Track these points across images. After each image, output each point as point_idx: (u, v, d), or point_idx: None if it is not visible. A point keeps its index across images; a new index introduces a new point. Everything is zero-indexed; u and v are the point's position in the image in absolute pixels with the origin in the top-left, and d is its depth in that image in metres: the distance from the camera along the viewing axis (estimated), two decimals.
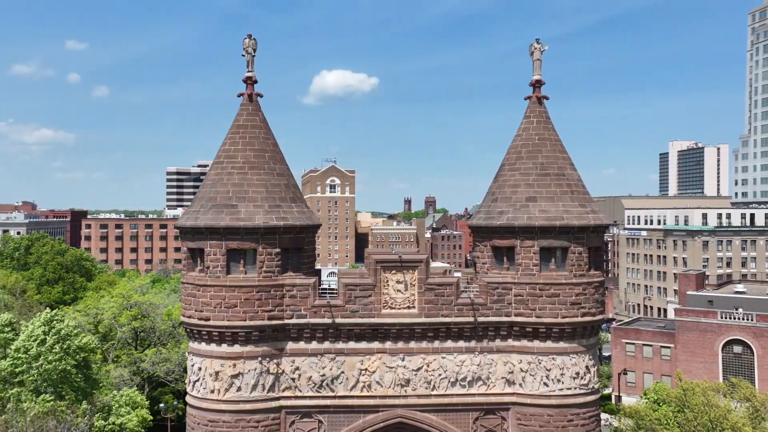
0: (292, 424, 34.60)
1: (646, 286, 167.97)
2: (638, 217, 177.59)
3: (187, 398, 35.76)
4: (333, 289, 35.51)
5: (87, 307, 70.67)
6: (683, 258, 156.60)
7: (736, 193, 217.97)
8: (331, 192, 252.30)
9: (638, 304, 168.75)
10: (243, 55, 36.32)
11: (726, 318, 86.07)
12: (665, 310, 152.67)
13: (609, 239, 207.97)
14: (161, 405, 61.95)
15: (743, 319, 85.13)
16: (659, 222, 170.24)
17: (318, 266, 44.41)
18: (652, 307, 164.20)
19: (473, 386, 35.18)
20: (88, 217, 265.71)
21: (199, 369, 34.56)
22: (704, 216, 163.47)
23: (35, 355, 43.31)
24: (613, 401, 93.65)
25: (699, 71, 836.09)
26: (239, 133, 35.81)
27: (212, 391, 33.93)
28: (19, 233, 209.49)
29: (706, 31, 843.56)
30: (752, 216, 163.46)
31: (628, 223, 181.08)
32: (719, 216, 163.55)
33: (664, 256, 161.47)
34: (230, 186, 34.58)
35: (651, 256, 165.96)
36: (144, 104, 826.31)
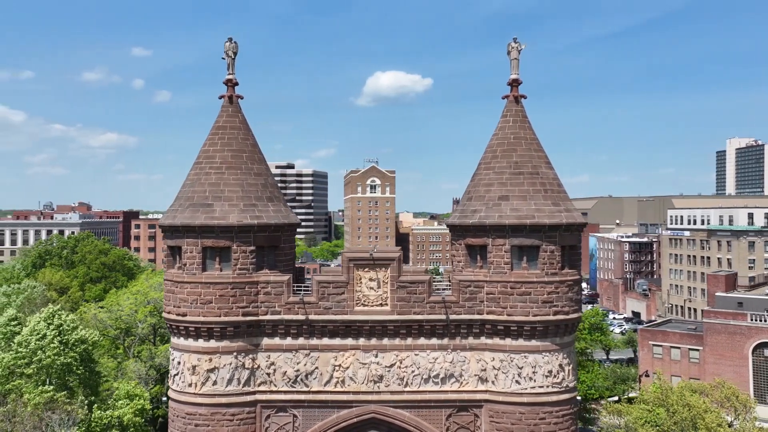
0: (268, 418, 35.50)
1: (689, 287, 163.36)
2: (681, 216, 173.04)
3: (169, 392, 37.03)
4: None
5: (109, 303, 73.44)
6: (728, 259, 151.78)
7: None
8: (371, 192, 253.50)
9: (680, 306, 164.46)
10: (223, 58, 37.32)
11: (756, 320, 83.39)
12: None
13: (654, 240, 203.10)
14: (164, 399, 63.88)
15: None
16: (703, 222, 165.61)
17: None
18: (695, 309, 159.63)
19: (446, 383, 35.47)
20: (139, 217, 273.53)
21: (179, 363, 35.79)
22: (750, 216, 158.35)
23: (35, 348, 45.53)
24: None
25: (758, 67, 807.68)
26: (218, 134, 36.86)
27: (190, 385, 35.09)
28: (73, 233, 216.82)
29: (765, 26, 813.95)
30: None
31: (671, 224, 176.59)
32: (767, 216, 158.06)
33: (708, 257, 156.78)
34: (207, 186, 35.65)
35: (694, 257, 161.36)
36: (199, 108, 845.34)
